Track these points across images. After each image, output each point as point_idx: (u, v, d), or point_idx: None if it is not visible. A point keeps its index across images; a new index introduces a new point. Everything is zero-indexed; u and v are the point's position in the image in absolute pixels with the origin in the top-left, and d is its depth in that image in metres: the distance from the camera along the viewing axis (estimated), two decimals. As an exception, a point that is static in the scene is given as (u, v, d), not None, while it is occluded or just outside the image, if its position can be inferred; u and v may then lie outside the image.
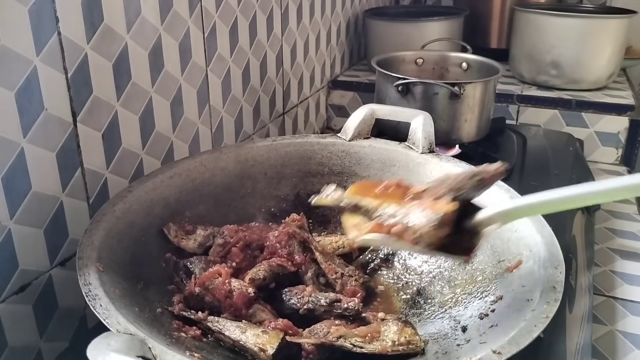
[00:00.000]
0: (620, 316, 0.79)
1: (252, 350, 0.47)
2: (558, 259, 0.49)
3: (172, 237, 0.59)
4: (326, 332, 0.48)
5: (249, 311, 0.52)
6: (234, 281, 0.53)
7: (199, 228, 0.61)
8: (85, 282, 0.45)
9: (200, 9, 0.79)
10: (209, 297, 0.53)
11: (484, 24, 1.60)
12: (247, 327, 0.49)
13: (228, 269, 0.55)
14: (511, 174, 0.92)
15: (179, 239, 0.60)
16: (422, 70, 1.12)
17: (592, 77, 1.31)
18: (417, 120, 0.69)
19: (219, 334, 0.49)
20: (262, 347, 0.47)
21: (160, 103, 0.74)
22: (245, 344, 0.48)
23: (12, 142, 0.53)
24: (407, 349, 0.48)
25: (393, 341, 0.48)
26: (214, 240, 0.60)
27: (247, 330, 0.49)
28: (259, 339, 0.47)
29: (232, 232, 0.60)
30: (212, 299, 0.52)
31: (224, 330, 0.49)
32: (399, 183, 0.50)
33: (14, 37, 0.52)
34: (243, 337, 0.48)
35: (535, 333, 0.41)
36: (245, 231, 0.61)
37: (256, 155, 0.69)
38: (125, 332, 0.40)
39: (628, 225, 1.02)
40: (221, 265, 0.55)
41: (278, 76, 1.08)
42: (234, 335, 0.48)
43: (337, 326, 0.49)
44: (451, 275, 0.59)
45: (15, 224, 0.55)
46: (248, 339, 0.48)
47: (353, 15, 1.48)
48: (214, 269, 0.55)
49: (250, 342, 0.47)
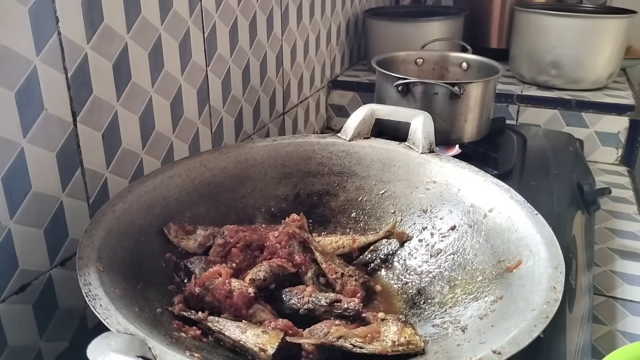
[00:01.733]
0: (620, 316, 0.79)
1: (252, 350, 0.47)
2: (558, 259, 0.49)
3: (172, 237, 0.59)
4: (326, 333, 0.48)
5: (249, 311, 0.52)
6: (234, 281, 0.53)
7: (199, 228, 0.61)
8: (85, 282, 0.45)
9: (200, 9, 0.79)
10: (209, 297, 0.53)
11: (484, 24, 1.60)
12: (247, 327, 0.49)
13: (228, 269, 0.55)
14: (511, 174, 0.92)
15: (179, 239, 0.60)
16: (422, 70, 1.12)
17: (592, 77, 1.31)
18: (417, 120, 0.69)
19: (219, 334, 0.49)
20: (262, 347, 0.47)
21: (160, 103, 0.74)
22: (245, 344, 0.47)
23: (12, 142, 0.53)
24: (407, 349, 0.48)
25: (393, 341, 0.48)
26: (214, 241, 0.60)
27: (247, 330, 0.49)
28: (259, 339, 0.47)
29: (232, 232, 0.60)
30: (212, 299, 0.52)
31: (224, 330, 0.49)
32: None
33: (14, 37, 0.52)
34: (243, 337, 0.48)
35: (535, 333, 0.41)
36: (246, 231, 0.61)
37: (256, 155, 0.69)
38: (125, 332, 0.40)
39: (628, 225, 1.02)
40: (221, 266, 0.55)
41: (278, 76, 1.08)
42: (234, 335, 0.48)
43: (337, 326, 0.49)
44: (451, 275, 0.59)
45: (15, 224, 0.55)
46: (248, 339, 0.48)
47: (353, 15, 1.48)
48: (214, 269, 0.54)
49: (251, 342, 0.47)
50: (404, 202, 0.67)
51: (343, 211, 0.69)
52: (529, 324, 0.42)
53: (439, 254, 0.62)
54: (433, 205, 0.65)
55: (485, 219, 0.60)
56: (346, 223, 0.69)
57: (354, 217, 0.69)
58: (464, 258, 0.59)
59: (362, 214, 0.69)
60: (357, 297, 0.56)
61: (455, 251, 0.61)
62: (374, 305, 0.59)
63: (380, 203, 0.68)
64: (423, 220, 0.65)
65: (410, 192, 0.67)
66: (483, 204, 0.61)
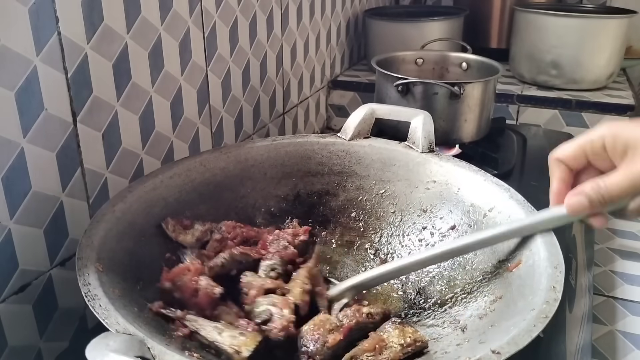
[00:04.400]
0: (620, 316, 0.79)
1: (227, 352, 0.45)
2: (558, 258, 0.49)
3: (169, 231, 0.59)
4: (323, 343, 0.47)
5: (214, 312, 0.50)
6: (202, 279, 0.51)
7: (196, 223, 0.61)
8: (85, 282, 0.45)
9: (200, 9, 0.80)
10: (178, 293, 0.51)
11: (484, 24, 1.60)
12: (224, 328, 0.47)
13: (200, 265, 0.53)
14: (511, 174, 0.92)
15: (176, 234, 0.59)
16: (422, 70, 1.12)
17: (592, 77, 1.31)
18: (417, 120, 0.69)
19: (196, 333, 0.47)
20: (238, 349, 0.45)
21: (160, 103, 0.74)
22: (221, 345, 0.46)
23: (12, 142, 0.53)
24: (415, 348, 0.48)
25: (400, 344, 0.47)
26: (211, 236, 0.60)
27: (224, 332, 0.47)
28: (234, 341, 0.46)
29: (229, 228, 0.60)
30: (180, 295, 0.51)
31: (200, 330, 0.47)
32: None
33: (14, 37, 0.52)
34: (219, 337, 0.46)
35: (535, 333, 0.41)
36: (243, 227, 0.61)
37: (256, 155, 0.69)
38: (125, 332, 0.40)
39: (628, 225, 1.02)
40: (194, 262, 0.54)
41: (278, 76, 1.08)
42: (209, 335, 0.47)
43: (330, 333, 0.48)
44: (451, 275, 0.59)
45: (15, 224, 0.55)
46: (224, 339, 0.46)
47: (353, 15, 1.48)
48: (185, 264, 0.53)
49: (226, 344, 0.46)
50: (403, 201, 0.67)
51: (343, 211, 0.69)
52: (529, 323, 0.42)
53: (438, 253, 0.62)
54: (433, 204, 0.65)
55: (485, 218, 0.60)
56: (346, 222, 0.69)
57: (354, 216, 0.69)
58: (463, 258, 0.59)
59: (362, 213, 0.69)
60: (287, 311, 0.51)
61: (455, 251, 0.60)
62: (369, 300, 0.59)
63: (380, 202, 0.68)
64: (423, 219, 0.65)
65: (410, 192, 0.67)
66: (483, 204, 0.61)
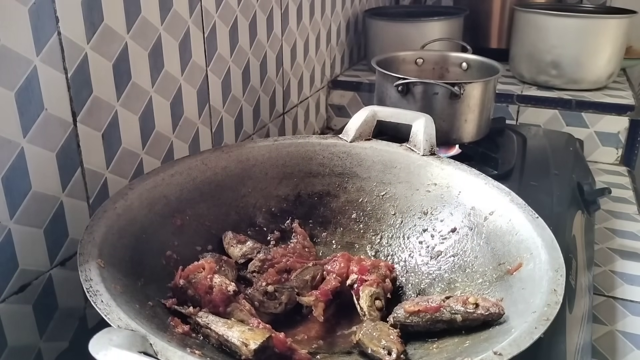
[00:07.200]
0: (620, 316, 0.79)
1: (235, 344, 0.47)
2: (558, 262, 0.49)
3: (225, 242, 0.63)
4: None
5: (227, 309, 0.52)
6: (216, 277, 0.53)
7: (249, 240, 0.63)
8: (87, 278, 0.45)
9: (200, 9, 0.79)
10: (192, 290, 0.53)
11: (484, 24, 1.60)
12: (234, 324, 0.49)
13: (213, 264, 0.55)
14: (511, 174, 0.92)
15: (228, 246, 0.63)
16: (422, 70, 1.12)
17: (592, 77, 1.31)
18: (418, 123, 0.69)
19: (206, 328, 0.49)
20: (245, 341, 0.46)
21: (160, 103, 0.74)
22: (230, 338, 0.47)
23: (12, 142, 0.53)
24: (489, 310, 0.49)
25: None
26: (257, 255, 0.61)
27: (234, 327, 0.49)
28: (243, 334, 0.47)
29: (277, 254, 0.61)
30: (194, 292, 0.52)
31: (211, 324, 0.49)
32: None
33: (14, 37, 0.52)
34: (229, 332, 0.48)
35: (536, 335, 0.41)
36: (291, 256, 0.61)
37: (257, 155, 0.69)
38: (127, 328, 0.40)
39: (628, 225, 1.02)
40: (207, 260, 0.56)
41: (278, 76, 1.08)
42: (220, 330, 0.48)
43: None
44: (451, 277, 0.59)
45: (15, 224, 0.55)
46: (233, 334, 0.48)
47: (353, 15, 1.48)
48: (199, 262, 0.55)
49: (235, 337, 0.47)
50: (404, 203, 0.67)
51: (343, 212, 0.69)
52: (530, 326, 0.42)
53: (439, 256, 0.62)
54: (434, 207, 0.65)
55: (485, 221, 0.59)
56: (347, 224, 0.69)
57: (354, 218, 0.69)
58: (464, 260, 0.59)
59: (363, 215, 0.69)
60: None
61: (456, 253, 0.60)
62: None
63: (381, 204, 0.68)
64: (423, 222, 0.65)
65: (411, 194, 0.67)
66: (484, 207, 0.60)
